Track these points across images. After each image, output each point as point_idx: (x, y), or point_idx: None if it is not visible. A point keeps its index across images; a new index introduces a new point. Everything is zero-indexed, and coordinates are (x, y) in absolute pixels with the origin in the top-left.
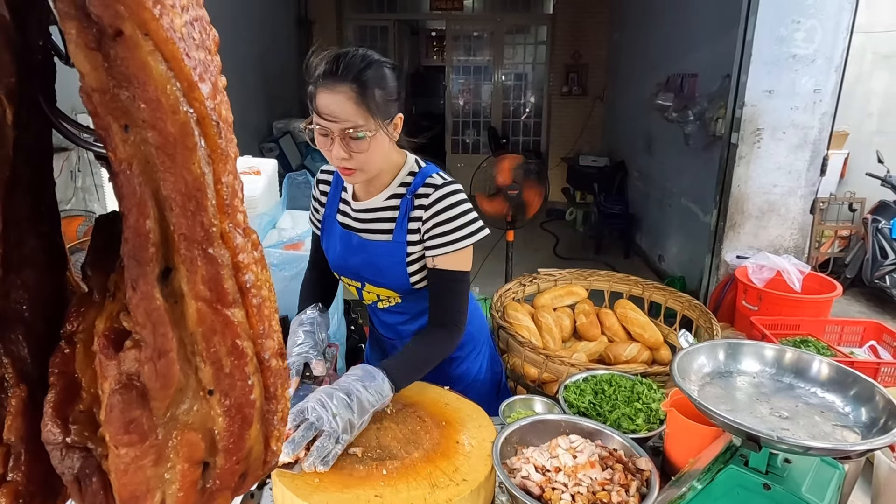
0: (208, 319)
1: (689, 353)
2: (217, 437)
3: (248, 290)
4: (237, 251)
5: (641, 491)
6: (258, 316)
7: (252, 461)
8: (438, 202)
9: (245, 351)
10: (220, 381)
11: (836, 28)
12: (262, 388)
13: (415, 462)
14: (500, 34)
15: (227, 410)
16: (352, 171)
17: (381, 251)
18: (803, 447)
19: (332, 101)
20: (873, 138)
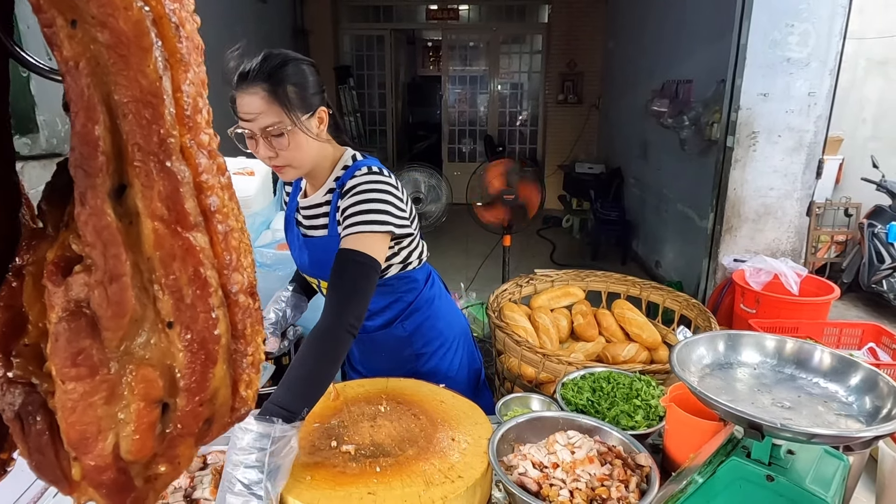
0: (167, 243)
1: (688, 345)
2: (177, 375)
3: (213, 215)
4: (199, 170)
5: (641, 487)
6: (224, 244)
7: (218, 406)
8: (354, 188)
9: (208, 280)
10: (181, 312)
11: (830, 31)
12: (229, 324)
13: (409, 459)
14: (496, 44)
15: (188, 345)
16: (281, 167)
17: (320, 246)
18: (807, 434)
19: (247, 101)
20: (868, 144)
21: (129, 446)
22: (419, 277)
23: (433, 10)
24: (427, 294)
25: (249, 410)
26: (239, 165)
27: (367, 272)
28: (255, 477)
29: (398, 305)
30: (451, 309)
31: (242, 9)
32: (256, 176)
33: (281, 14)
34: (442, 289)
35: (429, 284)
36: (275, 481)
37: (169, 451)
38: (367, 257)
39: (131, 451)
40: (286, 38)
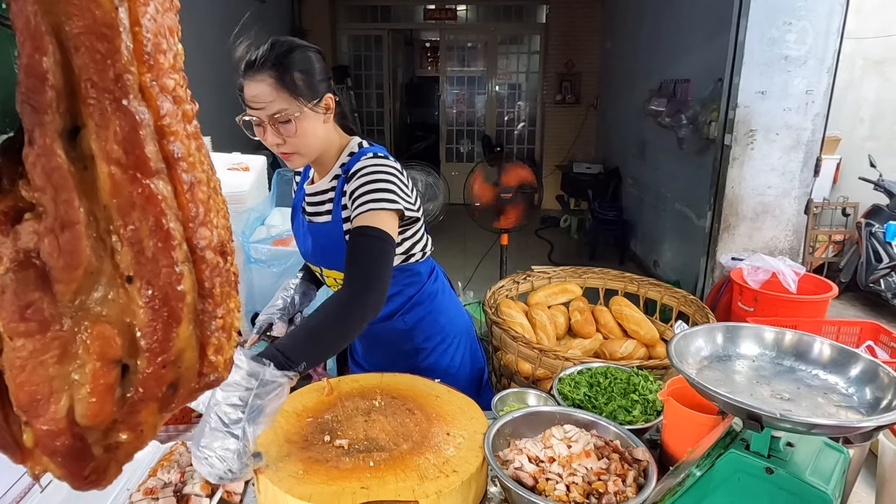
0: (125, 189)
1: (686, 336)
2: (138, 334)
3: (177, 162)
4: (161, 113)
5: (639, 481)
6: (190, 196)
7: (183, 370)
8: (359, 171)
9: (171, 233)
10: (141, 266)
11: (828, 29)
12: (195, 281)
13: (403, 454)
14: (494, 44)
15: (149, 302)
16: (289, 154)
17: (323, 232)
18: (808, 425)
19: (255, 89)
20: (865, 143)
21: (85, 410)
22: (422, 271)
23: (431, 11)
24: (430, 288)
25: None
26: (234, 161)
27: (383, 246)
28: (234, 416)
29: (399, 298)
30: (454, 305)
31: (240, 8)
32: (251, 171)
33: (279, 14)
34: (446, 284)
35: (432, 279)
36: (255, 423)
37: (130, 417)
38: (380, 231)
39: (87, 415)
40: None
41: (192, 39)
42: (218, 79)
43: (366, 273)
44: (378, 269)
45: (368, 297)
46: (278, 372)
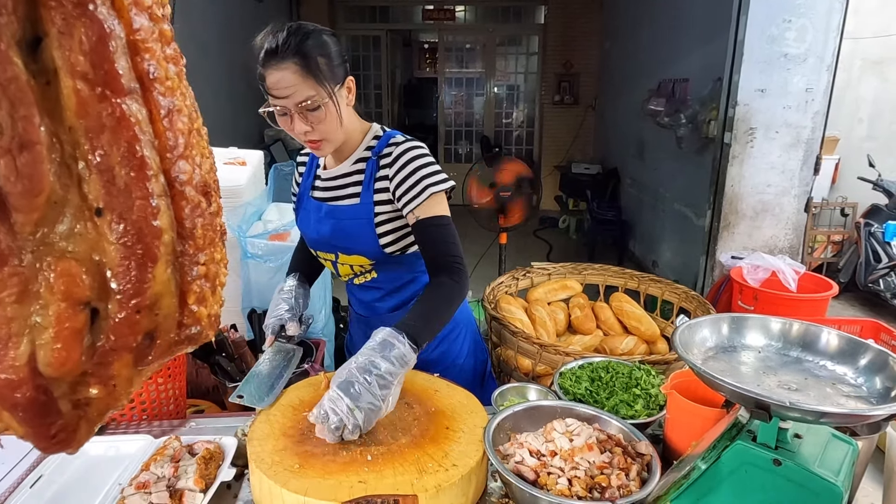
0: (92, 109)
1: (691, 327)
2: (109, 274)
3: (152, 83)
4: (135, 27)
5: (642, 475)
6: (168, 123)
7: (161, 318)
8: (401, 156)
9: (146, 161)
10: (112, 197)
11: (827, 27)
12: (174, 219)
13: (402, 448)
14: (492, 45)
15: (121, 237)
16: (318, 142)
17: (349, 214)
18: (817, 413)
19: (280, 78)
20: (864, 144)
21: (49, 357)
22: None
23: (429, 11)
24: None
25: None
26: (230, 155)
27: (454, 231)
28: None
29: (413, 286)
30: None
31: (238, 8)
32: (248, 166)
33: (277, 14)
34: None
35: None
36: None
37: (101, 368)
38: (447, 218)
39: (52, 364)
40: None
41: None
42: (215, 76)
43: (456, 259)
44: (460, 254)
45: (465, 279)
46: (408, 349)
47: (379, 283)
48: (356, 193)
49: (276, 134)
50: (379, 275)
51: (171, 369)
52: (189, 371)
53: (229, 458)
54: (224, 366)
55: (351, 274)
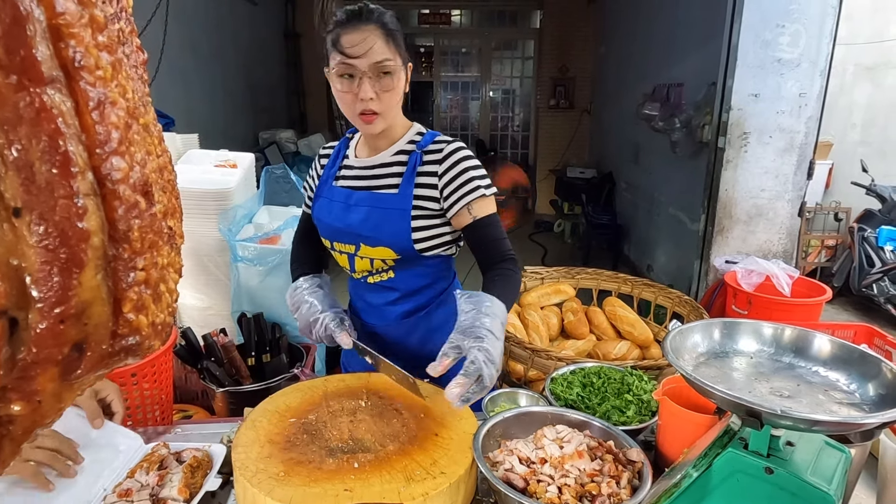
0: (8, 98)
1: (682, 332)
2: (28, 279)
3: (78, 72)
4: (58, 10)
5: (633, 483)
6: (99, 116)
7: (91, 327)
8: (452, 155)
9: (71, 157)
10: (32, 196)
11: (820, 33)
12: (104, 220)
13: (389, 455)
14: (488, 49)
15: (42, 240)
16: (374, 115)
17: (385, 203)
18: (809, 421)
19: (360, 38)
20: (857, 149)
21: None
22: (451, 268)
23: (425, 15)
24: (453, 285)
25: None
26: (221, 157)
27: (503, 227)
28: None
29: (428, 292)
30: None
31: (232, 11)
32: (239, 168)
33: (271, 17)
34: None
35: (455, 280)
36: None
37: (22, 383)
38: (496, 216)
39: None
40: (277, 40)
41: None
42: (209, 78)
43: (513, 251)
44: (511, 247)
45: (518, 266)
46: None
47: (395, 284)
48: (395, 184)
49: (271, 137)
50: (396, 275)
51: (157, 374)
52: (177, 376)
53: (217, 466)
54: (213, 371)
55: (367, 271)
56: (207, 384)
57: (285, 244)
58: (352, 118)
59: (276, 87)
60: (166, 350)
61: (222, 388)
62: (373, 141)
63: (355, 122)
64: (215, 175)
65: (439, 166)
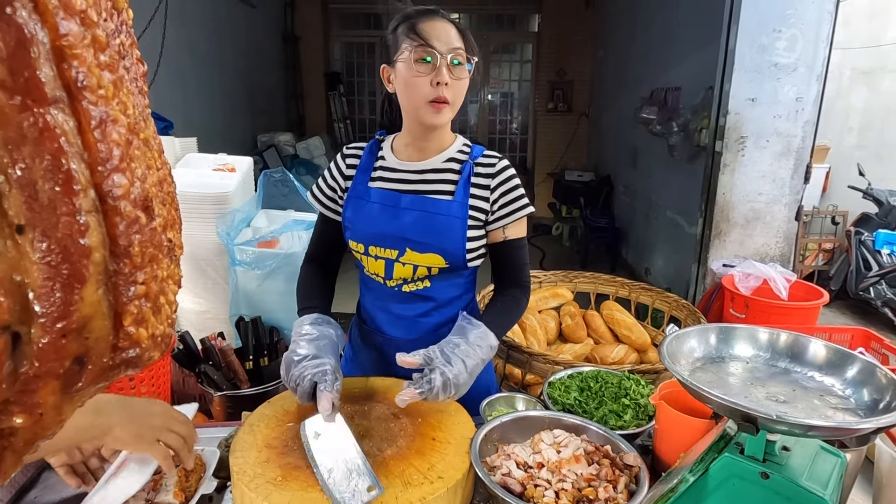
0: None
1: (679, 337)
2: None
3: (80, 92)
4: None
5: (630, 487)
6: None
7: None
8: (505, 171)
9: (73, 175)
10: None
11: (817, 37)
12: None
13: (386, 459)
14: (487, 53)
15: (45, 257)
16: (445, 104)
17: (441, 208)
18: (804, 426)
19: (440, 27)
20: (854, 152)
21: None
22: (476, 280)
23: None
24: (474, 300)
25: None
26: (220, 161)
27: (527, 252)
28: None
29: (458, 304)
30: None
31: (232, 14)
32: (237, 172)
33: (272, 20)
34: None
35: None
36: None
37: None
38: (525, 240)
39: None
40: (276, 43)
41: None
42: (208, 81)
43: (528, 279)
44: (529, 274)
45: (528, 295)
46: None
47: (432, 294)
48: (450, 191)
49: (270, 139)
50: (433, 285)
51: (155, 378)
52: (174, 380)
53: (211, 469)
54: (211, 374)
55: (404, 279)
56: (205, 388)
57: (283, 248)
58: (418, 108)
59: (275, 89)
60: (164, 354)
61: (220, 391)
62: (422, 144)
63: (421, 112)
64: (214, 179)
65: (492, 180)
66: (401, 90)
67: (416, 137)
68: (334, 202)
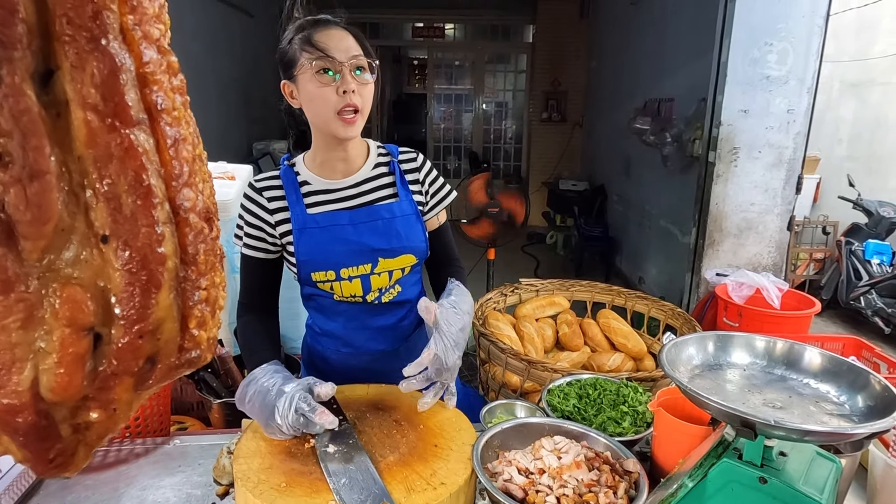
0: (101, 139)
1: (677, 345)
2: (113, 300)
3: (160, 115)
4: (144, 60)
5: (630, 494)
6: (174, 152)
7: (163, 342)
8: (426, 164)
9: (153, 189)
10: (119, 225)
11: (807, 51)
12: (178, 245)
13: (389, 466)
14: (481, 62)
15: (126, 264)
16: (358, 112)
17: (395, 211)
18: (801, 431)
19: (336, 36)
20: (844, 164)
21: (52, 382)
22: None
23: (419, 28)
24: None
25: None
26: (219, 170)
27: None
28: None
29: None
30: None
31: (228, 23)
32: (237, 181)
33: (267, 29)
34: None
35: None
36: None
37: (102, 393)
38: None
39: (55, 389)
40: (272, 52)
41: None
42: (204, 90)
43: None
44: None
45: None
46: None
47: (404, 297)
48: (393, 194)
49: (265, 147)
50: (403, 288)
51: None
52: (172, 387)
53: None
54: (210, 382)
55: (385, 286)
56: (204, 395)
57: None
58: (327, 121)
59: (271, 98)
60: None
61: (219, 399)
62: (342, 156)
63: (332, 126)
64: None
65: (419, 174)
66: (307, 105)
67: (332, 151)
68: (263, 241)
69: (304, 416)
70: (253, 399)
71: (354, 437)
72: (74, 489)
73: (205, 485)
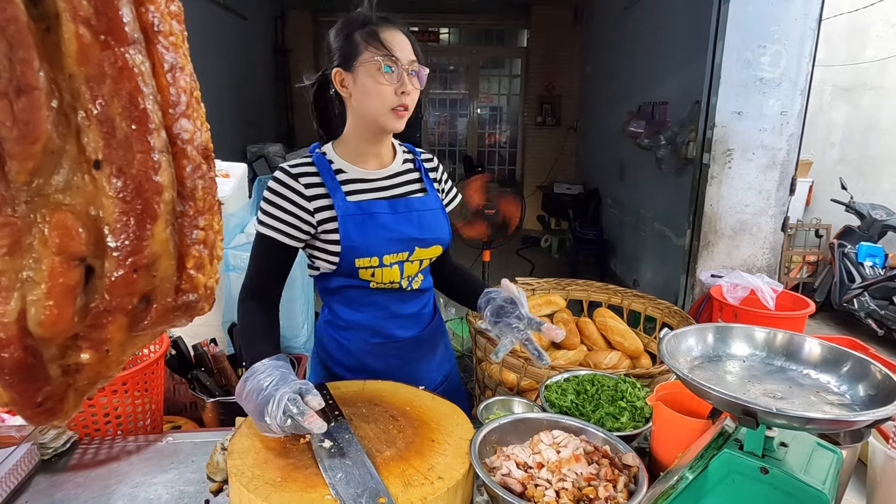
0: (94, 56)
1: (677, 336)
2: (106, 230)
3: (156, 36)
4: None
5: (629, 487)
6: (171, 78)
7: (158, 280)
8: (440, 165)
9: (148, 114)
10: (112, 149)
11: (800, 53)
12: (174, 177)
13: (386, 460)
14: (476, 67)
15: (120, 192)
16: (406, 110)
17: (426, 204)
18: (804, 419)
19: (399, 37)
20: (836, 167)
21: (40, 315)
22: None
23: (414, 32)
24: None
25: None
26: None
27: None
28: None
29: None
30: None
31: (223, 26)
32: (231, 178)
33: (263, 32)
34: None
35: None
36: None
37: (94, 331)
38: None
39: (43, 322)
40: (267, 55)
41: None
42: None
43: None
44: None
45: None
46: None
47: (426, 284)
48: (422, 188)
49: (259, 150)
50: (424, 277)
51: (148, 383)
52: (166, 387)
53: None
54: (203, 381)
55: (415, 272)
56: (197, 394)
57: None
58: (379, 114)
59: (265, 101)
60: (158, 359)
61: (212, 398)
62: (377, 150)
63: (382, 119)
64: None
65: (437, 173)
66: (362, 97)
67: (369, 144)
68: (294, 227)
69: (291, 419)
70: (249, 395)
71: (350, 432)
72: (65, 486)
73: (198, 482)
